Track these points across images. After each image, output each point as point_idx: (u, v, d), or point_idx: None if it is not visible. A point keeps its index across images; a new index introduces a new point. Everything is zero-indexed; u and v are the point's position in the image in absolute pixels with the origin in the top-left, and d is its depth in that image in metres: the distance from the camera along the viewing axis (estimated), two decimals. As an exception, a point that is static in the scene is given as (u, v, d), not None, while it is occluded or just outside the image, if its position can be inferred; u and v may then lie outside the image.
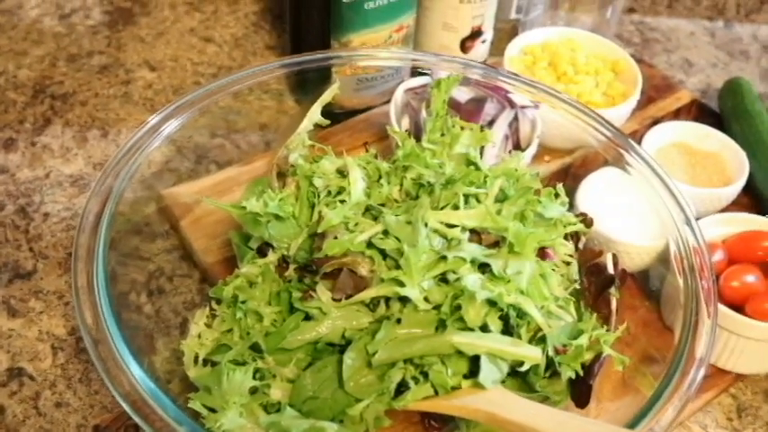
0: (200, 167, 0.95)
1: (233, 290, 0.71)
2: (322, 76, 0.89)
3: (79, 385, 0.79)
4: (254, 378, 0.67)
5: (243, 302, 0.71)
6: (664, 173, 0.78)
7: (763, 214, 0.89)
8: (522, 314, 0.68)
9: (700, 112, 1.11)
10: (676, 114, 1.10)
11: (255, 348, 0.69)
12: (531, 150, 0.90)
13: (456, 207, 0.72)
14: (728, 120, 1.07)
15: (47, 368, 0.80)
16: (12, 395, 0.77)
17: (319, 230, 0.71)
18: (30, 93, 1.05)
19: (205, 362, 0.71)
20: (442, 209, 0.72)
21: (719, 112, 1.10)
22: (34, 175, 0.96)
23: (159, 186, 0.88)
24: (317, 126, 0.82)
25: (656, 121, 1.06)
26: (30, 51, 1.11)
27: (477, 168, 0.77)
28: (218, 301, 0.74)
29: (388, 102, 0.94)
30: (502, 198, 0.74)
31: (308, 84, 0.89)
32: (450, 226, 0.70)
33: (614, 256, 0.77)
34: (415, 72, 0.95)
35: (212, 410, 0.66)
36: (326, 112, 0.84)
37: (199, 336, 0.72)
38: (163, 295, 0.81)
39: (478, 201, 0.73)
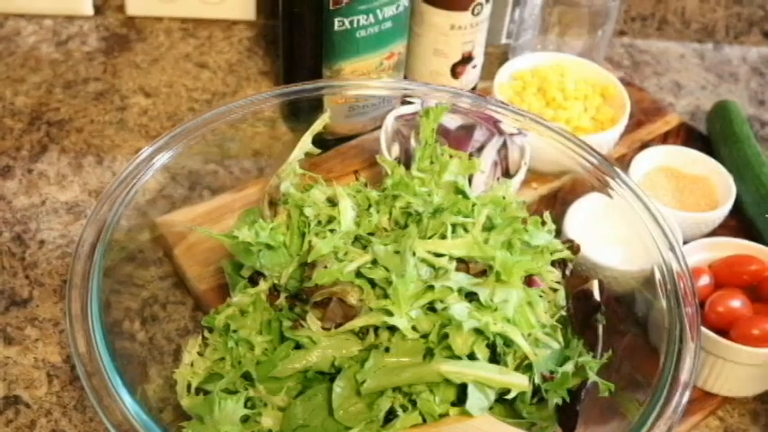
0: (194, 194, 0.97)
1: (225, 319, 0.73)
2: (314, 104, 0.91)
3: (74, 413, 0.80)
4: (245, 407, 0.68)
5: (234, 331, 0.72)
6: (648, 199, 0.79)
7: (751, 238, 0.90)
8: (508, 342, 0.69)
9: (688, 135, 1.12)
10: (665, 137, 1.11)
11: (247, 377, 0.70)
12: (520, 177, 0.91)
13: (444, 236, 0.73)
14: (717, 143, 1.08)
15: (42, 396, 0.81)
16: (8, 423, 0.78)
17: (309, 260, 0.72)
18: (26, 120, 1.07)
19: (198, 390, 0.72)
20: (429, 238, 0.73)
21: (708, 134, 1.12)
22: (30, 202, 0.97)
23: (153, 213, 0.89)
24: (309, 154, 0.84)
25: (644, 145, 1.07)
26: (27, 78, 1.13)
27: (466, 197, 0.78)
28: (211, 330, 0.75)
29: (379, 128, 0.96)
30: (489, 226, 0.75)
31: (300, 111, 0.90)
32: (438, 255, 0.72)
33: (600, 283, 0.78)
34: (406, 99, 0.97)
35: (205, 439, 0.67)
36: (318, 138, 0.85)
37: (191, 364, 0.74)
38: (156, 322, 0.82)
39: (466, 230, 0.74)
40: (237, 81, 1.16)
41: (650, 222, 0.78)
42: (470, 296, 0.70)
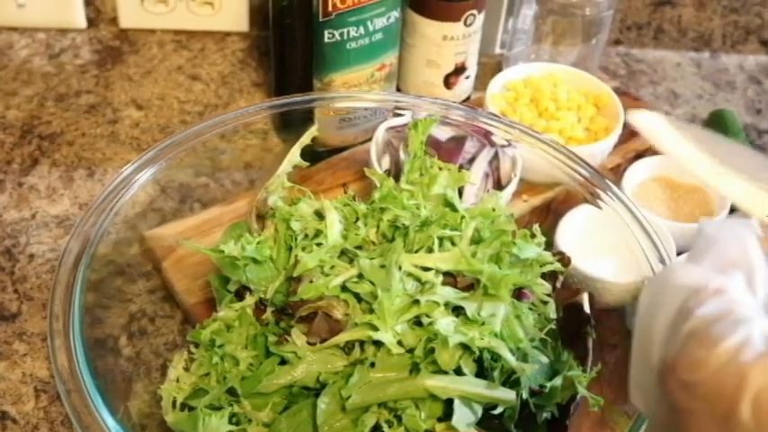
0: (185, 207, 0.96)
1: (210, 334, 0.72)
2: (306, 116, 0.90)
3: (62, 428, 0.79)
4: (230, 422, 0.68)
5: (220, 346, 0.71)
6: (639, 211, 0.79)
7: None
8: (496, 357, 0.68)
9: (684, 144, 1.11)
10: (660, 147, 1.10)
11: (232, 392, 0.70)
12: (511, 189, 0.90)
13: (430, 250, 0.72)
14: (712, 152, 1.07)
15: (29, 411, 0.80)
16: (-6, 439, 0.78)
17: (295, 274, 0.72)
18: (18, 133, 1.06)
19: (183, 406, 0.72)
20: (416, 252, 0.72)
21: (703, 144, 1.11)
22: (20, 216, 0.96)
23: (143, 226, 0.88)
24: (297, 167, 0.83)
25: (639, 155, 1.06)
26: (19, 91, 1.12)
27: (454, 209, 0.77)
28: (197, 345, 0.74)
29: (371, 139, 0.95)
30: (477, 240, 0.75)
31: (292, 123, 0.90)
32: (425, 269, 0.71)
33: (590, 296, 0.77)
34: (397, 111, 0.96)
35: (189, 456, 0.66)
36: (310, 150, 0.85)
37: (177, 380, 0.73)
38: (144, 337, 0.82)
39: (453, 243, 0.74)
40: (230, 93, 1.15)
41: (641, 235, 0.77)
42: (457, 310, 0.70)
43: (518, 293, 0.74)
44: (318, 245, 0.74)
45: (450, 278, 0.72)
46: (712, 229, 0.42)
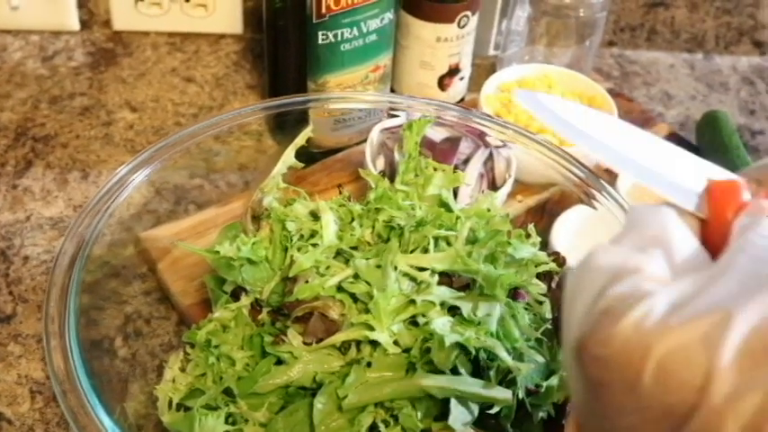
0: (179, 208, 0.96)
1: (206, 334, 0.72)
2: (301, 117, 0.90)
3: (57, 429, 0.79)
4: (226, 423, 0.68)
5: (216, 347, 0.71)
6: (634, 211, 0.79)
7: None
8: (492, 356, 0.68)
9: (678, 145, 1.11)
10: (654, 148, 1.10)
11: (228, 393, 0.70)
12: (506, 189, 0.91)
13: (426, 250, 0.72)
14: (706, 153, 1.07)
15: (25, 412, 0.80)
16: (-11, 441, 0.78)
17: (291, 274, 0.72)
18: (12, 135, 1.06)
19: (179, 407, 0.72)
20: (412, 252, 0.72)
21: (697, 145, 1.11)
22: (15, 218, 0.96)
23: (138, 228, 0.88)
24: (292, 168, 0.83)
25: (633, 156, 1.07)
26: (13, 94, 1.12)
27: (449, 210, 0.78)
28: (193, 345, 0.74)
29: (366, 140, 0.95)
30: (473, 240, 0.75)
31: (287, 124, 0.90)
32: (421, 269, 0.71)
33: (586, 295, 0.77)
34: (392, 112, 0.96)
35: (185, 457, 0.66)
36: (305, 152, 0.85)
37: (173, 380, 0.73)
38: (140, 338, 0.82)
39: (449, 243, 0.74)
40: (224, 95, 1.15)
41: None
42: (453, 310, 0.70)
43: (513, 293, 0.74)
44: (314, 245, 0.74)
45: (446, 278, 0.72)
46: (636, 210, 0.43)
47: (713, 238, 0.42)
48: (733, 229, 0.41)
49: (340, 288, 0.70)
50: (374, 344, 0.68)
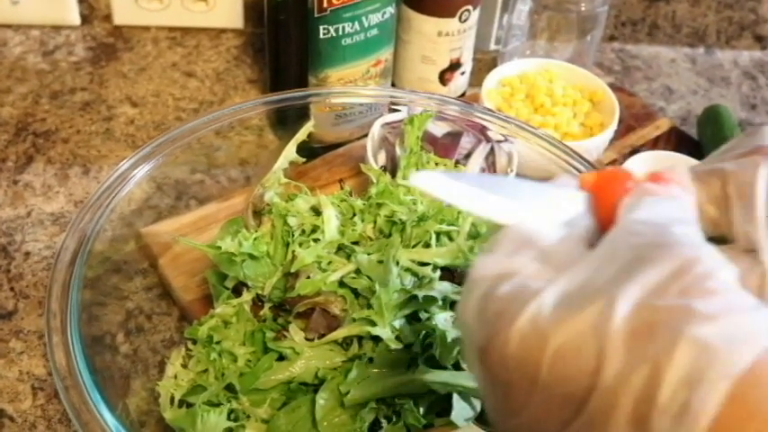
0: (180, 204, 0.96)
1: (207, 330, 0.72)
2: (302, 112, 0.90)
3: (59, 426, 0.79)
4: (228, 419, 0.68)
5: (217, 343, 0.71)
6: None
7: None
8: (494, 351, 0.68)
9: (679, 139, 1.12)
10: (656, 142, 1.10)
11: (230, 389, 0.70)
12: (508, 183, 0.90)
13: (428, 245, 0.72)
14: (708, 147, 1.07)
15: (27, 409, 0.80)
16: (-9, 437, 0.78)
17: (293, 270, 0.72)
18: (12, 131, 1.06)
19: (181, 403, 0.72)
20: (414, 247, 0.72)
21: (699, 139, 1.11)
22: (16, 213, 0.96)
23: (139, 224, 0.88)
24: (293, 163, 0.83)
25: (635, 150, 1.07)
26: (13, 89, 1.12)
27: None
28: (194, 341, 0.74)
29: (367, 135, 0.95)
30: (475, 234, 0.75)
31: (288, 119, 0.90)
32: (423, 264, 0.71)
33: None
34: (393, 107, 0.96)
35: (187, 453, 0.66)
36: (306, 147, 0.85)
37: (175, 376, 0.73)
38: (141, 334, 0.82)
39: (450, 238, 0.74)
40: (225, 90, 1.15)
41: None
42: (455, 305, 0.69)
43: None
44: (315, 240, 0.74)
45: (448, 273, 0.72)
46: (505, 229, 0.44)
47: (606, 227, 0.43)
48: (618, 213, 0.43)
49: (342, 283, 0.71)
50: (376, 339, 0.68)
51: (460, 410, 0.66)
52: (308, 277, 0.71)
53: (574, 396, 0.36)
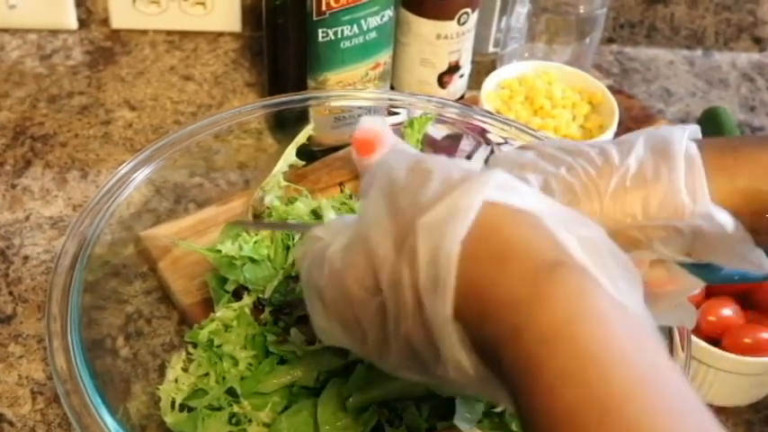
0: (179, 207, 0.96)
1: (208, 334, 0.72)
2: (300, 115, 0.90)
3: (59, 430, 0.79)
4: (230, 423, 0.68)
5: (218, 346, 0.71)
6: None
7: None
8: (496, 354, 0.68)
9: (678, 141, 1.12)
10: (655, 145, 1.10)
11: (231, 393, 0.69)
12: (508, 186, 0.90)
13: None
14: (707, 149, 1.07)
15: (26, 413, 0.80)
16: (-9, 442, 0.77)
17: (293, 273, 0.72)
18: (10, 135, 1.06)
19: (182, 407, 0.71)
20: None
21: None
22: (14, 217, 0.96)
23: (138, 227, 0.88)
24: (293, 166, 0.83)
25: (634, 152, 1.06)
26: (11, 93, 1.12)
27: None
28: (195, 345, 0.74)
29: (366, 138, 0.95)
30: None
31: (287, 122, 0.90)
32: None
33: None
34: (392, 110, 0.96)
35: (188, 457, 0.66)
36: (305, 150, 0.85)
37: (175, 380, 0.73)
38: (141, 338, 0.81)
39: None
40: (223, 93, 1.15)
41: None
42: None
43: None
44: (316, 244, 0.74)
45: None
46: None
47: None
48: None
49: (343, 286, 0.70)
50: (378, 342, 0.67)
51: (464, 414, 0.65)
52: (309, 280, 0.71)
53: (371, 303, 0.47)
